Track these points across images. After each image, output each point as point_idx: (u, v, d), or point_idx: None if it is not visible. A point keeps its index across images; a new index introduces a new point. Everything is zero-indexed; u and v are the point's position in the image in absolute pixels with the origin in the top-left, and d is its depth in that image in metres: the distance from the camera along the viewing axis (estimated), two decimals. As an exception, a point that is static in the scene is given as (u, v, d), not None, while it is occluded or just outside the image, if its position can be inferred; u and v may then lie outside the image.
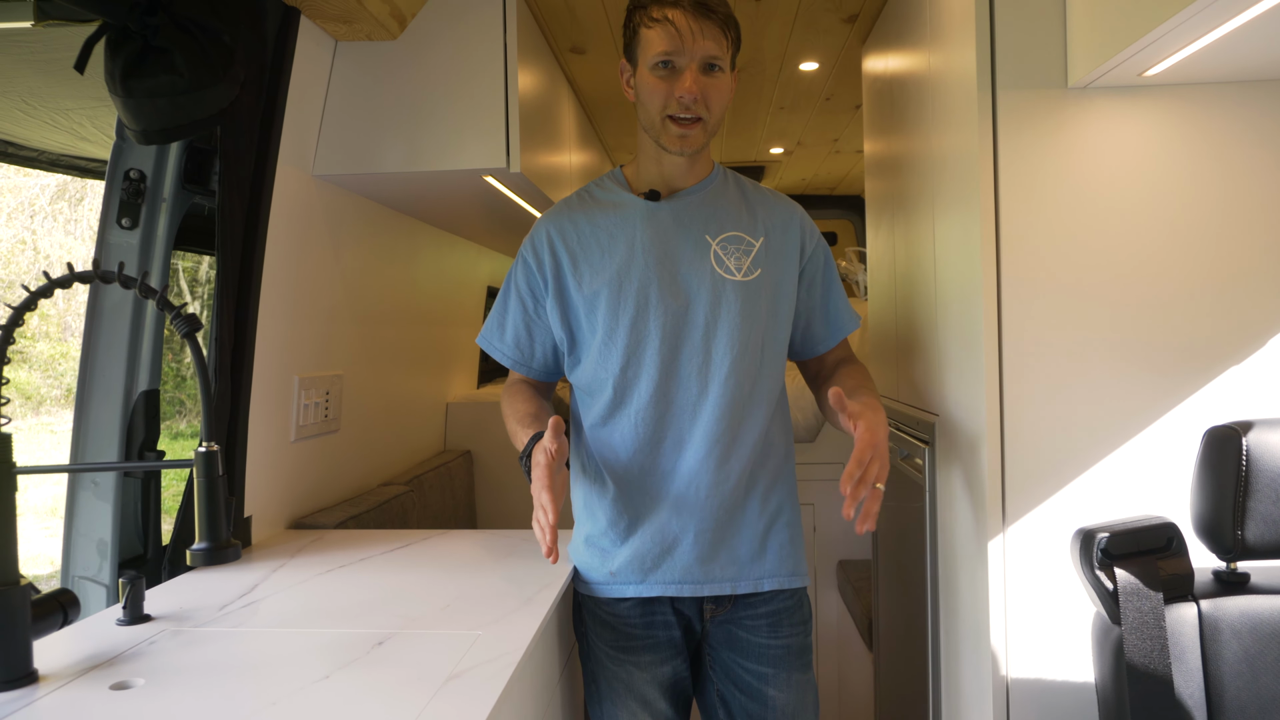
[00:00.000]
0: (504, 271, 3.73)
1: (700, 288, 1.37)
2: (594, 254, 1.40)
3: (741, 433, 1.38)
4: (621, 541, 1.40)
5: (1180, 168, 1.31)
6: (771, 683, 1.38)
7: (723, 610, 1.41)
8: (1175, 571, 1.14)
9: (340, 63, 1.84)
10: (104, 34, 1.24)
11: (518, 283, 1.46)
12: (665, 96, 1.31)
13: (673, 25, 1.28)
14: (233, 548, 1.06)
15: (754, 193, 1.48)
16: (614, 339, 1.37)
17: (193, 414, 5.78)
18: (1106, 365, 1.32)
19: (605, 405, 1.40)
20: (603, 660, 1.41)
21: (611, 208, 1.43)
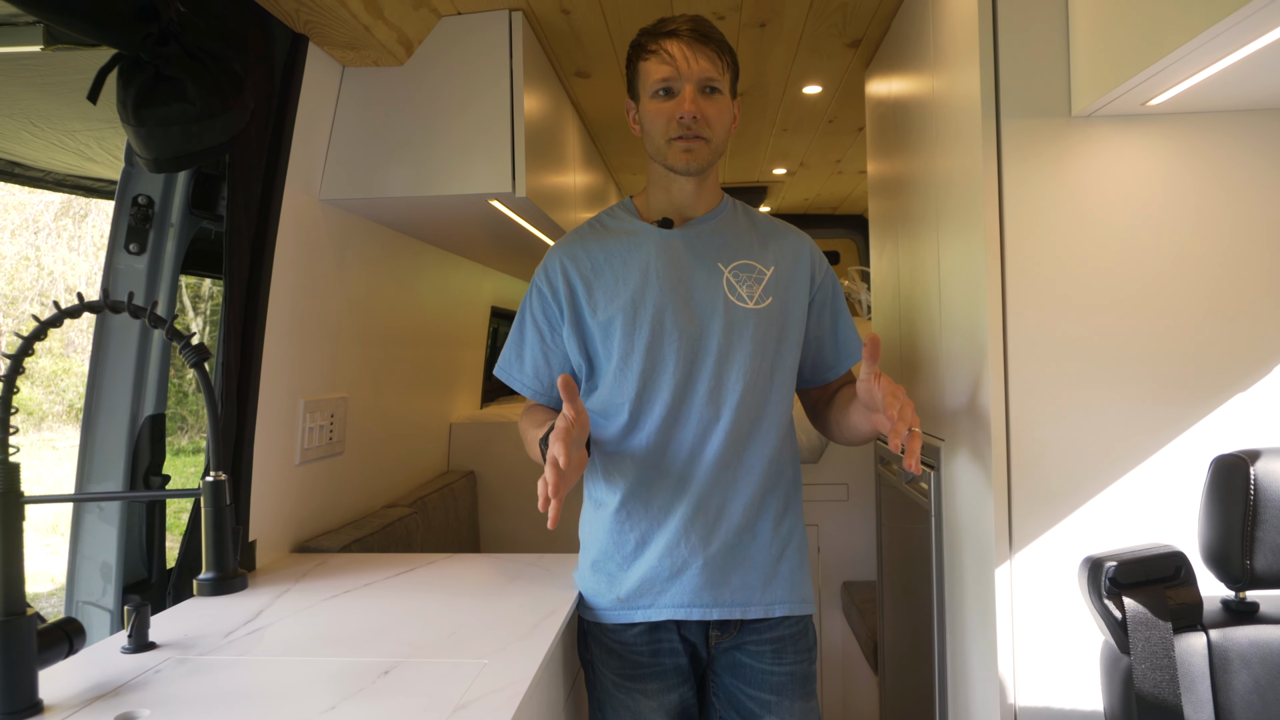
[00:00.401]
0: (507, 292, 3.74)
1: (714, 314, 1.39)
2: (608, 280, 1.41)
3: (752, 458, 1.39)
4: (629, 565, 1.40)
5: (1184, 196, 1.31)
6: (774, 710, 1.39)
7: (728, 636, 1.41)
8: (1184, 601, 1.14)
9: (347, 88, 1.85)
10: (116, 64, 1.25)
11: (533, 312, 1.47)
12: (667, 119, 1.36)
13: (668, 53, 1.34)
14: (239, 578, 1.06)
15: (763, 223, 1.51)
16: (629, 363, 1.39)
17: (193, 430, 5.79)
18: (1112, 393, 1.32)
19: (620, 428, 1.41)
20: (610, 689, 1.41)
21: (624, 235, 1.45)
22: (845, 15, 1.90)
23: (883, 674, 2.23)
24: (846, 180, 3.67)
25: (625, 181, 3.68)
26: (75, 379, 9.96)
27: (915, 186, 1.77)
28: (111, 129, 2.17)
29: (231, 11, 1.45)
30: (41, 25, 1.46)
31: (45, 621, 1.11)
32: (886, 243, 2.05)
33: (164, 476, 1.65)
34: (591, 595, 1.44)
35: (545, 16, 1.89)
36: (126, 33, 1.17)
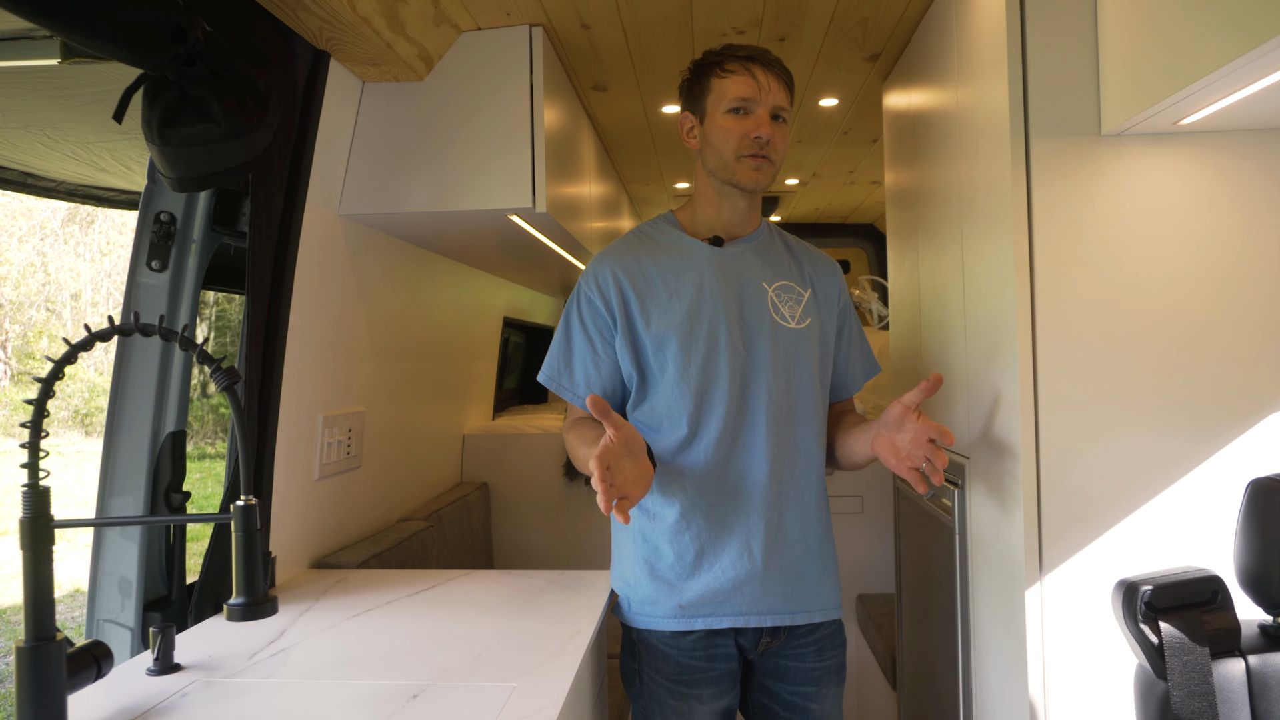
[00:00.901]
0: (519, 302, 3.73)
1: (762, 332, 1.44)
2: (661, 295, 1.44)
3: (802, 472, 1.45)
4: (689, 575, 1.42)
5: (1217, 215, 1.30)
6: (814, 699, 1.47)
7: (778, 641, 1.46)
8: (1221, 626, 1.13)
9: (367, 103, 1.85)
10: (142, 83, 1.24)
11: (584, 321, 1.47)
12: (740, 136, 1.40)
13: (750, 75, 1.39)
14: (270, 603, 1.05)
15: (797, 247, 1.58)
16: (687, 378, 1.41)
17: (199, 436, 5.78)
18: (1143, 413, 1.31)
19: (677, 442, 1.43)
20: (661, 695, 1.43)
21: (676, 251, 1.47)
22: (865, 30, 1.90)
23: (902, 689, 2.21)
24: (858, 190, 3.66)
25: (636, 192, 3.68)
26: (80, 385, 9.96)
27: (937, 198, 1.76)
28: (125, 140, 2.17)
29: (255, 29, 1.44)
30: (58, 39, 1.46)
31: (73, 645, 1.10)
32: (906, 253, 2.05)
33: (184, 494, 1.65)
34: (648, 603, 1.44)
35: (565, 32, 1.89)
36: (156, 54, 1.16)
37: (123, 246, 13.78)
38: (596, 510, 2.94)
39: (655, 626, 1.43)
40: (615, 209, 3.22)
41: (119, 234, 13.67)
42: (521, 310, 3.83)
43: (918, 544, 1.98)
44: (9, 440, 11.51)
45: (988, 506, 1.49)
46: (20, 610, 6.17)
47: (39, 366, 13.56)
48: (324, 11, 1.45)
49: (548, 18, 1.80)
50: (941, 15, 1.69)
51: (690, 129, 1.48)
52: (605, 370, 1.47)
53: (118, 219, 13.59)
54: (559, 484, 2.97)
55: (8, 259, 13.22)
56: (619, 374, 1.48)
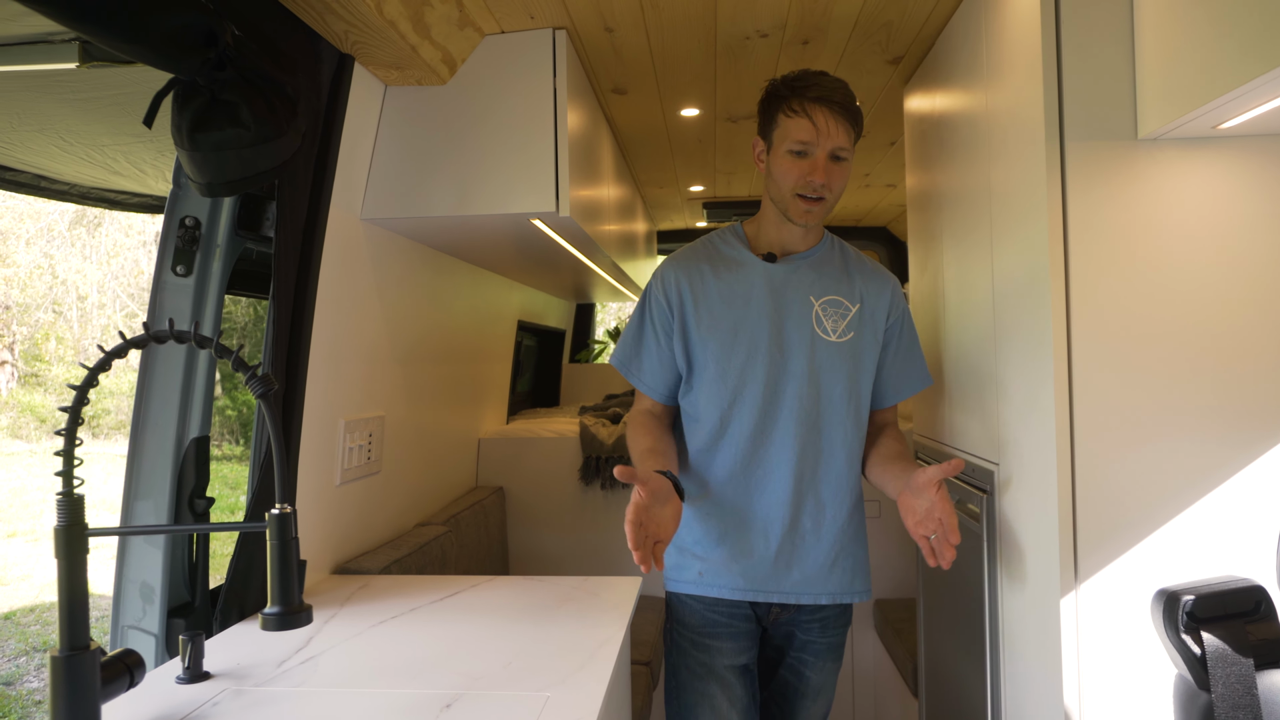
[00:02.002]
0: (533, 305, 3.73)
1: (800, 344, 1.58)
2: (716, 304, 1.61)
3: (825, 474, 1.59)
4: (711, 551, 1.61)
5: (1256, 220, 1.29)
6: (811, 667, 1.68)
7: (788, 614, 1.65)
8: (1266, 636, 1.11)
9: (389, 107, 1.84)
10: (172, 88, 1.24)
11: (652, 318, 1.67)
12: (798, 178, 1.52)
13: (810, 120, 1.49)
14: (305, 611, 1.04)
15: (855, 261, 1.69)
16: (725, 378, 1.59)
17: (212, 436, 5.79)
18: (1180, 420, 1.30)
19: (710, 433, 1.61)
20: (686, 649, 1.64)
21: (735, 265, 1.64)
22: (889, 33, 1.89)
23: (923, 697, 2.20)
24: (873, 193, 3.65)
25: (650, 195, 3.67)
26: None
27: (964, 200, 1.75)
28: (141, 143, 2.17)
29: (282, 33, 1.44)
30: (77, 43, 1.45)
31: (106, 654, 1.09)
32: (930, 257, 2.03)
33: (208, 499, 1.64)
34: (675, 569, 1.65)
35: (589, 35, 1.88)
36: (188, 59, 1.16)
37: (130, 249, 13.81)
38: (613, 514, 2.93)
39: (680, 590, 1.64)
40: (631, 212, 3.21)
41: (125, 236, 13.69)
42: (535, 314, 3.82)
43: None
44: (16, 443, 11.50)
45: (1019, 513, 1.47)
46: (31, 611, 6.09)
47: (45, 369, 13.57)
48: (350, 15, 1.45)
49: (571, 21, 1.80)
50: (969, 18, 1.68)
51: (760, 154, 1.61)
52: (666, 364, 1.67)
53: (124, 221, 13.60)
54: (575, 488, 2.96)
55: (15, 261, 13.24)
56: (676, 366, 1.66)
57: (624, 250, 3.04)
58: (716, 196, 3.74)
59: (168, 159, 2.44)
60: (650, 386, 1.69)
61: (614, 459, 2.93)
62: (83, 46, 1.43)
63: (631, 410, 1.74)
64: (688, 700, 1.62)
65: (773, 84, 1.57)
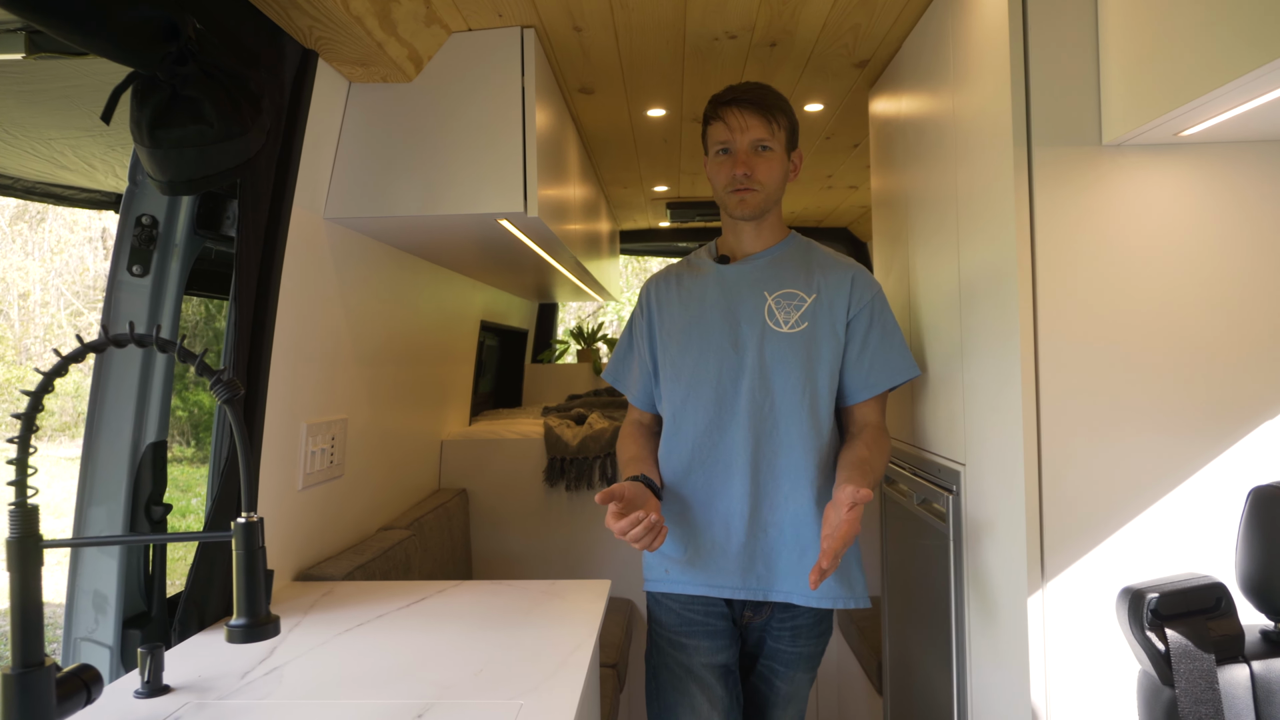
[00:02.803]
0: (496, 305, 3.69)
1: (751, 337, 1.61)
2: (676, 308, 1.69)
3: (784, 467, 1.59)
4: (677, 548, 1.63)
5: (1214, 225, 1.32)
6: (780, 676, 1.67)
7: (760, 617, 1.66)
8: (1226, 632, 1.14)
9: (353, 104, 1.80)
10: (131, 83, 1.20)
11: (633, 332, 1.77)
12: (726, 175, 1.61)
13: (723, 122, 1.60)
14: (273, 623, 1.01)
15: (819, 256, 1.69)
16: (679, 376, 1.65)
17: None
18: (1142, 420, 1.32)
19: (670, 432, 1.66)
20: (664, 649, 1.65)
21: (698, 270, 1.71)
22: (857, 36, 1.90)
23: (888, 695, 2.22)
24: (835, 195, 3.68)
25: (615, 195, 3.65)
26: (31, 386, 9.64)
27: (930, 202, 1.77)
28: (89, 138, 2.11)
29: (244, 28, 1.40)
30: (23, 33, 1.40)
31: (61, 670, 1.05)
32: (895, 258, 2.05)
33: (165, 506, 1.59)
34: (648, 569, 1.68)
35: (557, 34, 1.86)
36: (149, 53, 1.12)
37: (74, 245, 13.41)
38: (579, 517, 2.91)
39: (654, 589, 1.66)
40: (595, 212, 3.20)
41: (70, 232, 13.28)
42: (498, 314, 3.79)
43: (906, 549, 1.98)
44: (-46, 446, 11.11)
45: (987, 513, 1.49)
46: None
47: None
48: (316, 10, 1.42)
49: (540, 19, 1.78)
50: (936, 23, 1.70)
51: (706, 168, 1.69)
52: (647, 370, 1.73)
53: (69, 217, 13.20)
54: (540, 490, 2.93)
55: (-47, 258, 12.79)
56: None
57: (589, 250, 3.03)
58: (680, 196, 3.74)
59: (117, 154, 2.37)
60: (636, 396, 1.76)
61: (579, 460, 2.92)
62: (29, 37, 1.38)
63: (625, 420, 1.82)
64: (668, 701, 1.63)
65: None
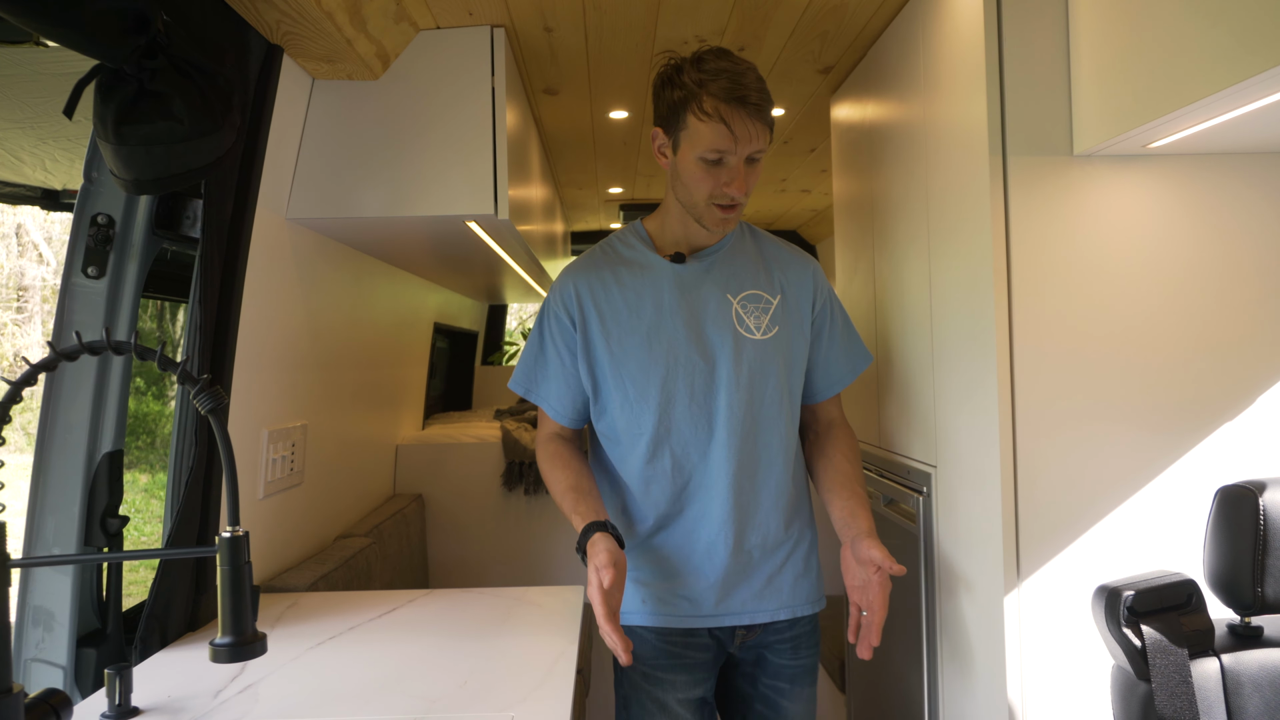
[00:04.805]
0: (449, 308, 3.64)
1: (724, 346, 1.44)
2: (622, 314, 1.45)
3: (764, 481, 1.47)
4: (659, 578, 1.48)
5: (1180, 233, 1.37)
6: (787, 695, 1.52)
7: (753, 635, 1.51)
8: (1197, 627, 1.18)
9: (317, 102, 1.75)
10: (95, 76, 1.14)
11: (553, 336, 1.50)
12: (713, 186, 1.35)
13: (727, 127, 1.29)
14: (260, 641, 0.97)
15: (769, 247, 1.55)
16: (646, 397, 1.44)
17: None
18: (1112, 423, 1.37)
19: (640, 458, 1.46)
20: (638, 682, 1.48)
21: (638, 269, 1.48)
22: (824, 42, 1.92)
23: (850, 693, 2.25)
24: (787, 199, 3.72)
25: (569, 196, 3.64)
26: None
27: (899, 209, 1.79)
28: (18, 129, 2.01)
29: (210, 21, 1.35)
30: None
31: (29, 696, 1.00)
32: (860, 262, 2.08)
33: (122, 518, 1.52)
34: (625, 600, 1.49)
35: (527, 33, 1.84)
36: (115, 45, 1.07)
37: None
38: (538, 522, 2.88)
39: (629, 622, 1.49)
40: (551, 213, 3.17)
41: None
42: (450, 315, 3.73)
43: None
44: None
45: (960, 514, 1.52)
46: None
47: (-109, 372, 12.46)
48: (286, 5, 1.37)
49: (511, 18, 1.75)
50: (905, 31, 1.72)
51: (661, 147, 1.41)
52: (574, 383, 1.51)
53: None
54: (498, 494, 2.90)
55: None
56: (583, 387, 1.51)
57: (547, 252, 3.00)
58: (634, 198, 3.73)
59: (49, 147, 2.27)
60: (557, 410, 1.52)
61: (536, 463, 2.88)
62: (-35, 25, 1.31)
63: (538, 435, 1.57)
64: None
65: (675, 69, 1.35)
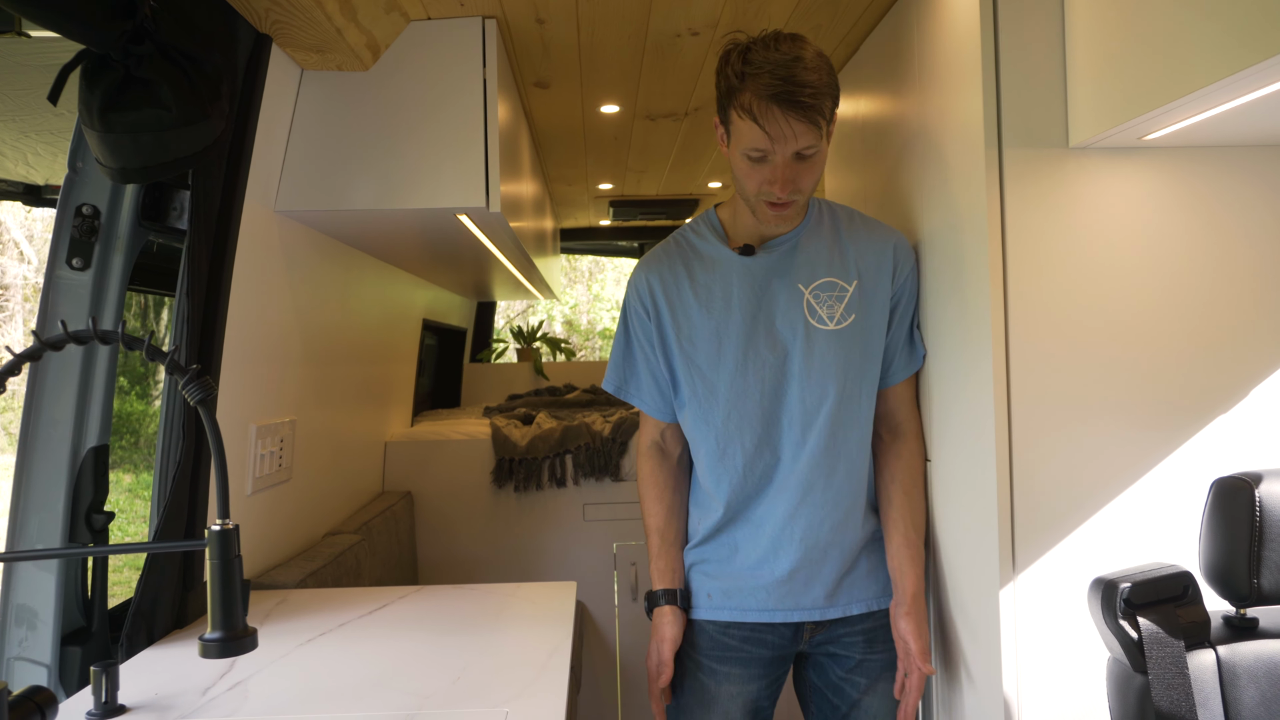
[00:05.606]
0: (437, 304, 3.61)
1: (795, 339, 1.42)
2: (692, 310, 1.45)
3: (837, 476, 1.45)
4: (721, 570, 1.48)
5: (1176, 226, 1.37)
6: (864, 690, 1.50)
7: (821, 630, 1.50)
8: (1193, 619, 1.18)
9: (305, 93, 1.73)
10: (80, 62, 1.12)
11: (637, 334, 1.51)
12: (758, 182, 1.33)
13: (762, 129, 1.26)
14: (251, 636, 0.96)
15: (848, 228, 1.50)
16: (715, 394, 1.44)
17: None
18: (1107, 416, 1.36)
19: (710, 453, 1.46)
20: (692, 671, 1.49)
21: (709, 262, 1.47)
22: (818, 35, 1.91)
23: (843, 688, 2.24)
24: (777, 194, 3.71)
25: (558, 192, 3.62)
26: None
27: (893, 203, 1.79)
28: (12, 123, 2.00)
29: (199, 9, 1.33)
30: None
31: (12, 693, 0.98)
32: (851, 262, 2.07)
33: (108, 514, 1.50)
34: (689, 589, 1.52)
35: (519, 25, 1.82)
36: (102, 29, 1.05)
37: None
38: (528, 518, 2.87)
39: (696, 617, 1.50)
40: (542, 209, 3.15)
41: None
42: (439, 312, 3.71)
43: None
44: None
45: (956, 508, 1.52)
46: None
47: None
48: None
49: (502, 10, 1.74)
50: (899, 25, 1.72)
51: (721, 137, 1.40)
52: (661, 375, 1.50)
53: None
54: (487, 491, 2.88)
55: None
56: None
57: (538, 248, 2.99)
58: (625, 195, 3.72)
59: (31, 141, 2.24)
60: (652, 406, 1.52)
61: (528, 460, 2.87)
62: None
63: (640, 442, 1.58)
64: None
65: (728, 58, 1.33)
